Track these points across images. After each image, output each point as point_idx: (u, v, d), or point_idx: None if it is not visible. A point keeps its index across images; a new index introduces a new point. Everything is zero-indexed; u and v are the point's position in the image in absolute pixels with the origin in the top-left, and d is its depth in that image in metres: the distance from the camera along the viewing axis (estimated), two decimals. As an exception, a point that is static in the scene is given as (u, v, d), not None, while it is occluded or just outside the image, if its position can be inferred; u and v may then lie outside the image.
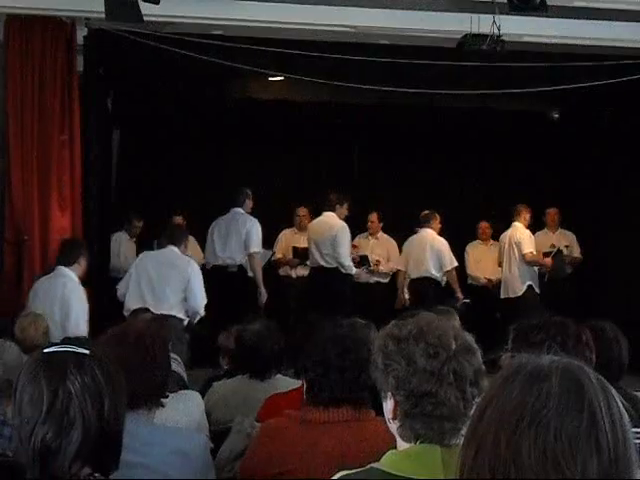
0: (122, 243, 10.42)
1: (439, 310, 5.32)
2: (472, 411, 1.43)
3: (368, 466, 2.20)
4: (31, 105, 7.95)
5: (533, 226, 10.39)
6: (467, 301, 9.66)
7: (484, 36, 7.59)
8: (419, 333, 2.24)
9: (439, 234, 9.86)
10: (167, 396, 2.99)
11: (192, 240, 8.86)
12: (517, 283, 9.78)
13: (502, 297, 9.91)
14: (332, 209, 9.40)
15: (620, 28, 8.27)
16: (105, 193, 9.01)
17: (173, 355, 4.85)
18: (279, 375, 4.60)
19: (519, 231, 9.84)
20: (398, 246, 10.46)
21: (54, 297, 6.94)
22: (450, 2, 7.95)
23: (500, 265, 10.05)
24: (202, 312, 7.60)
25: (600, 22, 8.20)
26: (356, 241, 10.56)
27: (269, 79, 9.53)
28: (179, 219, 10.54)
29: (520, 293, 9.74)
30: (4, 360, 4.28)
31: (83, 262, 7.24)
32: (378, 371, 2.27)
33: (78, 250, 7.28)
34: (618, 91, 8.85)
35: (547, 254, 10.20)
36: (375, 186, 11.50)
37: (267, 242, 9.69)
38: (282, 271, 10.60)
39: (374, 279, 10.60)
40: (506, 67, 8.28)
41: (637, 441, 3.26)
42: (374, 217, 10.79)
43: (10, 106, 7.93)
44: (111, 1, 6.79)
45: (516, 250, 9.77)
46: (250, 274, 9.02)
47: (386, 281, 10.58)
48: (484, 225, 11.04)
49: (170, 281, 7.52)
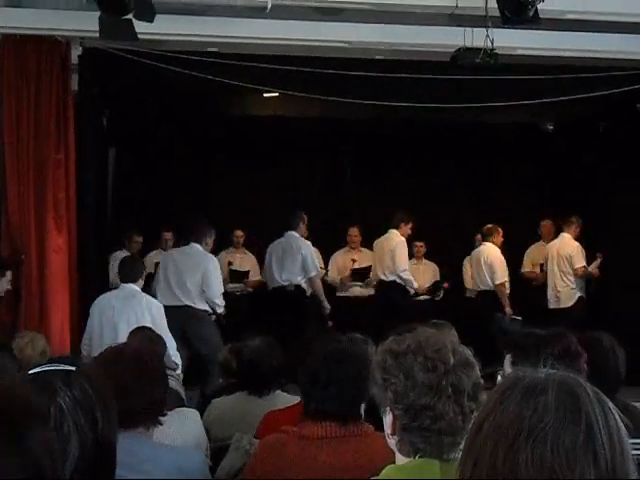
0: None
1: (436, 324, 5.32)
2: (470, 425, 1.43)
3: (366, 480, 2.20)
4: (26, 124, 7.96)
5: (529, 237, 10.44)
6: (518, 318, 9.68)
7: (477, 49, 7.61)
8: (417, 347, 2.24)
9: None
10: (165, 414, 2.99)
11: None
12: (569, 294, 9.90)
13: (551, 308, 9.98)
14: (396, 226, 9.83)
15: (612, 40, 8.30)
16: (101, 211, 9.01)
17: (170, 372, 4.86)
18: (278, 391, 4.59)
19: (569, 244, 9.93)
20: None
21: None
22: (443, 16, 7.97)
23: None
24: (220, 302, 8.25)
25: (592, 34, 8.22)
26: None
27: (264, 95, 9.54)
28: (168, 235, 10.61)
29: (571, 304, 9.86)
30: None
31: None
32: (377, 386, 2.27)
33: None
34: (611, 102, 8.88)
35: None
36: (370, 201, 11.50)
37: (262, 258, 9.73)
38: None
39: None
40: (500, 80, 8.31)
41: (635, 452, 3.26)
42: (355, 231, 10.90)
43: (6, 126, 7.94)
44: (105, 20, 6.80)
45: (567, 263, 9.87)
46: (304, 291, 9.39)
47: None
48: (479, 237, 11.02)
49: (190, 276, 8.14)
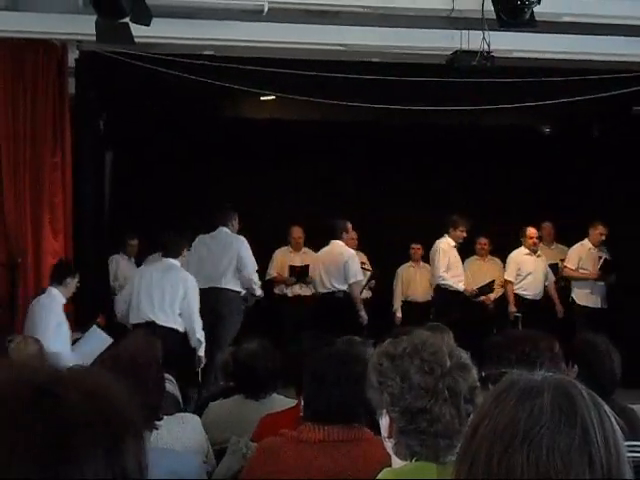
0: (119, 264, 10.45)
1: (432, 327, 5.32)
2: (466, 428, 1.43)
3: (364, 485, 2.20)
4: (23, 128, 7.95)
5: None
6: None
7: (474, 52, 7.62)
8: (414, 350, 2.24)
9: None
10: (161, 418, 2.98)
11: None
12: None
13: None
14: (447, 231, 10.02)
15: (608, 42, 8.30)
16: (98, 215, 9.01)
17: (167, 376, 4.85)
18: (275, 394, 4.59)
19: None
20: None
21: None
22: (440, 19, 7.97)
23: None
24: (256, 280, 8.68)
25: (588, 37, 8.23)
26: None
27: (261, 98, 9.54)
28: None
29: None
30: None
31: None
32: (373, 389, 2.27)
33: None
34: (607, 105, 8.90)
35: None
36: (369, 203, 11.51)
37: (258, 261, 9.69)
38: (277, 289, 10.62)
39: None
40: (496, 82, 8.32)
41: (632, 455, 3.26)
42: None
43: (2, 129, 7.93)
44: (102, 23, 6.80)
45: None
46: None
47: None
48: (483, 241, 11.08)
49: (223, 258, 8.47)
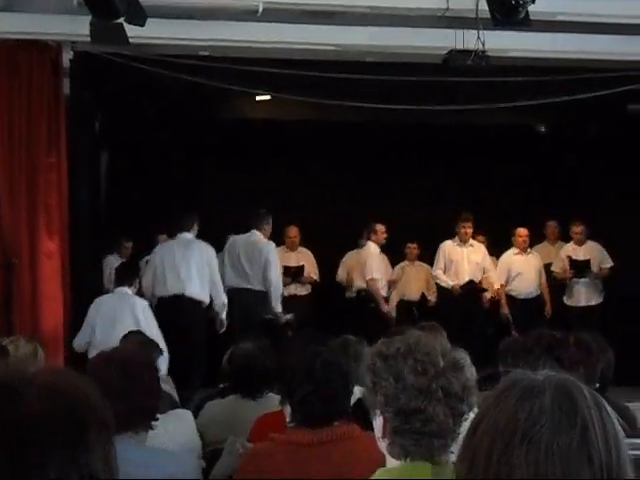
0: (114, 266, 10.43)
1: (425, 327, 5.32)
2: (462, 427, 1.43)
3: (359, 485, 2.20)
4: (18, 129, 7.95)
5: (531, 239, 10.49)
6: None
7: (469, 52, 7.63)
8: (407, 350, 2.24)
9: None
10: (157, 419, 2.99)
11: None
12: None
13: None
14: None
15: (603, 41, 8.32)
16: (94, 216, 9.00)
17: (164, 377, 4.86)
18: (271, 394, 4.59)
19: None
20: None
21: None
22: (434, 19, 7.97)
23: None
24: (275, 284, 8.85)
25: (583, 36, 8.24)
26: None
27: (256, 99, 9.54)
28: (163, 237, 10.61)
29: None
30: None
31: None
32: (367, 389, 2.28)
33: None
34: (602, 104, 8.91)
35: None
36: (364, 203, 11.50)
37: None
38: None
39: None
40: (492, 82, 8.33)
41: (632, 452, 3.27)
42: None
43: (-3, 129, 7.94)
44: (96, 24, 6.79)
45: None
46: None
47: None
48: (480, 239, 11.08)
49: (253, 261, 8.80)
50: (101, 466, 1.22)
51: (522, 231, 10.37)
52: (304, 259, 10.47)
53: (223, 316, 8.35)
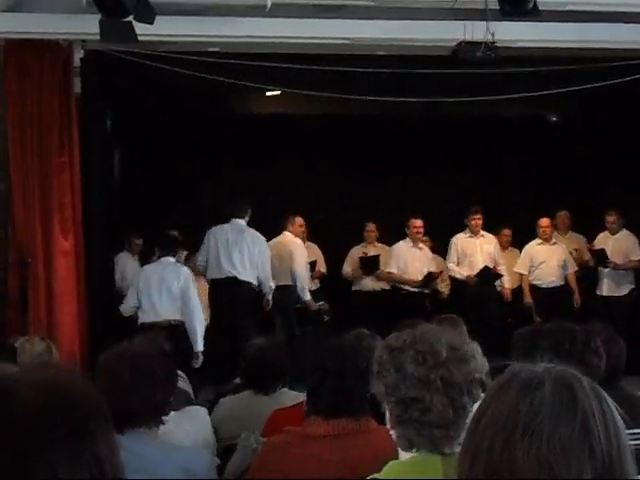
0: (126, 263, 10.48)
1: (444, 319, 5.32)
2: (468, 419, 1.45)
3: (370, 477, 2.21)
4: (30, 128, 7.99)
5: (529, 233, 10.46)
6: None
7: (478, 43, 7.62)
8: (411, 342, 2.27)
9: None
10: (167, 414, 3.00)
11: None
12: None
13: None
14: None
15: (613, 30, 8.28)
16: (108, 213, 9.04)
17: (180, 373, 4.87)
18: (285, 389, 4.60)
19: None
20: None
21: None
22: (443, 10, 7.96)
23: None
24: (300, 275, 9.51)
25: (592, 25, 8.21)
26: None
27: (266, 94, 9.55)
28: (175, 233, 10.65)
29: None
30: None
31: None
32: (375, 381, 2.30)
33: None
34: (614, 92, 8.86)
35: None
36: (377, 196, 11.51)
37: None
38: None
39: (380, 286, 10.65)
40: (501, 73, 8.31)
41: (636, 442, 3.26)
42: (371, 227, 10.94)
43: (10, 130, 7.97)
44: (106, 23, 6.81)
45: None
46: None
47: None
48: (507, 232, 11.07)
49: (282, 258, 9.40)
50: (107, 458, 1.23)
51: (544, 221, 10.37)
52: (313, 253, 10.49)
53: (269, 297, 9.09)
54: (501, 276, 10.32)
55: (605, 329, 3.71)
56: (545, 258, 10.30)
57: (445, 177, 11.69)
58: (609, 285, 10.17)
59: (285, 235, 9.83)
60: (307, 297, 9.62)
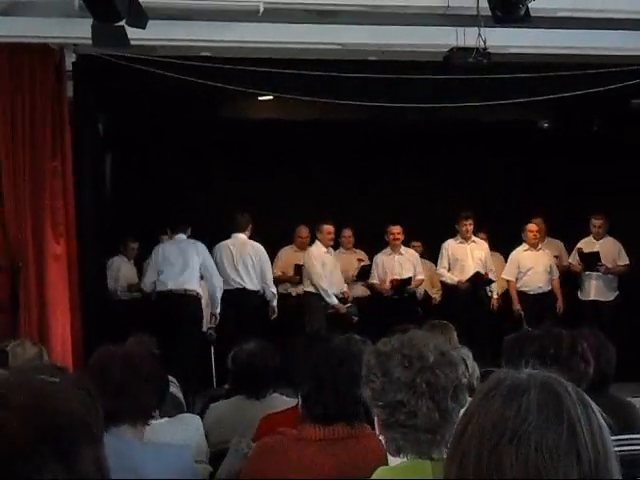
0: (121, 267, 10.48)
1: (436, 324, 5.33)
2: (452, 424, 1.45)
3: (360, 483, 2.22)
4: (22, 132, 7.97)
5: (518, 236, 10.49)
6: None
7: (470, 49, 7.63)
8: (399, 347, 2.28)
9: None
10: (154, 416, 3.01)
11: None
12: None
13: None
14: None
15: (605, 37, 8.31)
16: (100, 218, 9.03)
17: (171, 379, 4.87)
18: (275, 394, 4.60)
19: None
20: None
21: None
22: (435, 16, 7.98)
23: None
24: (317, 283, 9.77)
25: (584, 31, 8.24)
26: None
27: (259, 99, 9.56)
28: (166, 238, 10.67)
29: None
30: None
31: None
32: (363, 385, 2.32)
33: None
34: (605, 99, 8.91)
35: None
36: (369, 201, 11.52)
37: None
38: (281, 288, 10.60)
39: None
40: (494, 79, 8.34)
41: (629, 448, 3.27)
42: (348, 232, 10.94)
43: (1, 134, 7.95)
44: (98, 27, 6.81)
45: None
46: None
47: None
48: (482, 236, 11.09)
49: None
50: (92, 468, 1.22)
51: (532, 227, 10.37)
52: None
53: (274, 304, 9.63)
54: (492, 282, 10.34)
55: (595, 335, 3.72)
56: (532, 264, 10.31)
57: (437, 182, 11.69)
58: (597, 289, 10.20)
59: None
60: (334, 301, 9.85)
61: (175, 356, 8.32)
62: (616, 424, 3.24)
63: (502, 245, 10.88)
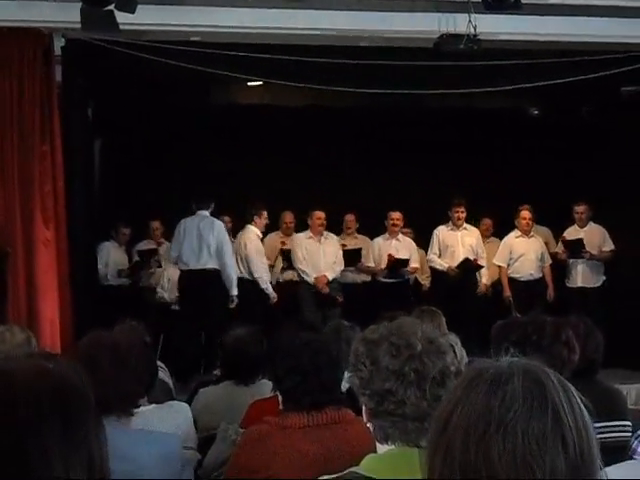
0: (110, 252, 10.47)
1: (425, 311, 5.34)
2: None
3: (347, 470, 2.21)
4: (10, 117, 7.93)
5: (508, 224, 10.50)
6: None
7: (460, 36, 7.62)
8: (387, 334, 2.27)
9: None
10: (139, 405, 3.01)
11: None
12: None
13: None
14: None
15: (595, 24, 8.31)
16: (89, 203, 9.00)
17: (160, 364, 4.87)
18: (264, 380, 4.61)
19: None
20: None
21: None
22: (425, 3, 7.97)
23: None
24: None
25: (575, 18, 8.24)
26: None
27: (248, 84, 9.53)
28: (156, 224, 10.68)
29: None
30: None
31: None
32: (351, 373, 2.32)
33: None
34: (595, 86, 8.91)
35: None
36: (359, 188, 11.52)
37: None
38: (273, 278, 10.57)
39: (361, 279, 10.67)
40: (484, 65, 8.33)
41: (615, 434, 3.28)
42: (351, 217, 10.95)
43: (-10, 118, 7.92)
44: (87, 12, 6.77)
45: None
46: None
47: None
48: (487, 222, 11.12)
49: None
50: (96, 449, 1.25)
51: (525, 213, 10.37)
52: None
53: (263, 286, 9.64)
54: (482, 267, 10.36)
55: (582, 321, 3.74)
56: (524, 251, 10.33)
57: (427, 169, 11.70)
58: (584, 276, 10.23)
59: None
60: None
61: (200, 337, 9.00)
62: (603, 411, 3.26)
63: (500, 231, 10.90)
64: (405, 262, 10.29)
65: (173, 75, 8.55)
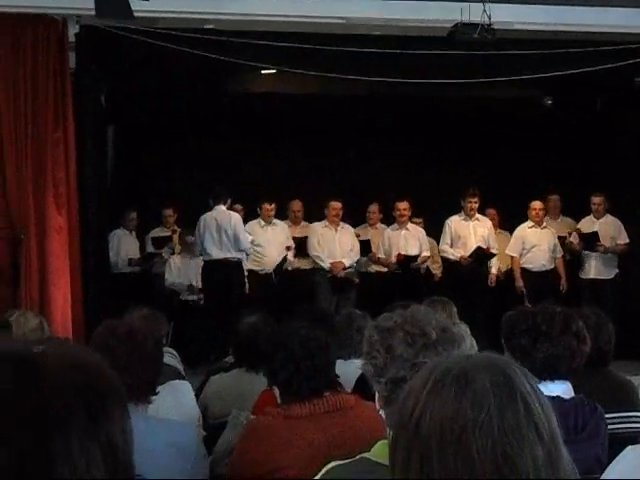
0: (121, 239, 10.48)
1: (436, 300, 5.34)
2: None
3: (358, 456, 2.21)
4: (24, 103, 7.94)
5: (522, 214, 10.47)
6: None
7: (475, 25, 7.60)
8: (402, 323, 2.28)
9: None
10: (156, 393, 3.02)
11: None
12: None
13: None
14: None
15: (610, 14, 8.28)
16: (102, 190, 9.03)
17: (168, 349, 4.88)
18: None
19: None
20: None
21: None
22: (440, -9, 7.95)
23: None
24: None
25: (590, 8, 8.21)
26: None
27: (261, 72, 9.53)
28: (169, 212, 10.69)
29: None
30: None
31: None
32: (364, 361, 2.32)
33: None
34: (610, 76, 8.87)
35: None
36: (369, 176, 11.51)
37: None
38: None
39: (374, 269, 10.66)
40: (498, 55, 8.30)
41: (625, 425, 3.28)
42: (375, 208, 10.95)
43: (3, 105, 7.93)
44: (101, -2, 6.79)
45: None
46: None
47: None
48: (491, 212, 11.10)
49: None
50: (120, 443, 1.25)
51: (536, 204, 10.37)
52: (308, 233, 10.51)
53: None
54: (494, 255, 10.33)
55: (594, 313, 3.73)
56: (537, 242, 10.32)
57: (440, 158, 11.68)
58: (597, 268, 10.20)
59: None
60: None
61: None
62: (614, 402, 3.26)
63: (506, 222, 10.87)
64: (415, 258, 10.31)
65: (186, 63, 8.54)
